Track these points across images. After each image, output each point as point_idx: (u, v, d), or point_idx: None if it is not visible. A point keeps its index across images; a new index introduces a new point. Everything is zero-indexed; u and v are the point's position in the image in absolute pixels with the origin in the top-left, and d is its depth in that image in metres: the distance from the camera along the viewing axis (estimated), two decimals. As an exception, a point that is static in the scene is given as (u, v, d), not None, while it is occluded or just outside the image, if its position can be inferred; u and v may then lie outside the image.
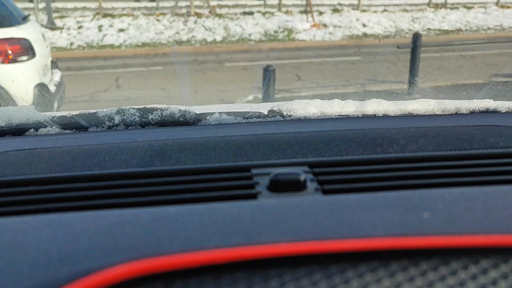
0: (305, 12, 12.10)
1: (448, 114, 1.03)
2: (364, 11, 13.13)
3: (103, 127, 1.00)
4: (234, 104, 3.77)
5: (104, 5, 12.35)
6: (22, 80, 4.14)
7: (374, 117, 1.03)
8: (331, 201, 0.54)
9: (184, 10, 12.33)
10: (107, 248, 0.45)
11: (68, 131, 0.98)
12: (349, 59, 8.87)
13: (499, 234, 0.45)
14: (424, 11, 13.52)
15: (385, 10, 13.33)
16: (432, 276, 0.42)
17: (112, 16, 11.70)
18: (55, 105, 4.59)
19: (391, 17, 12.74)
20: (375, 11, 13.17)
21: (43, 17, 11.05)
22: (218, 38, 10.65)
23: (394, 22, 12.40)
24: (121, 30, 10.79)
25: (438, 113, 1.04)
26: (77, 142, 0.85)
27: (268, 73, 5.06)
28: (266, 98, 5.09)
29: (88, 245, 0.45)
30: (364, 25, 11.93)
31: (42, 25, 8.26)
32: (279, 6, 12.94)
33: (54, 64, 5.13)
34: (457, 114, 1.03)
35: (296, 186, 0.60)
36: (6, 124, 0.97)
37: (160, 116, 1.01)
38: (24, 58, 4.22)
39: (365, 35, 11.38)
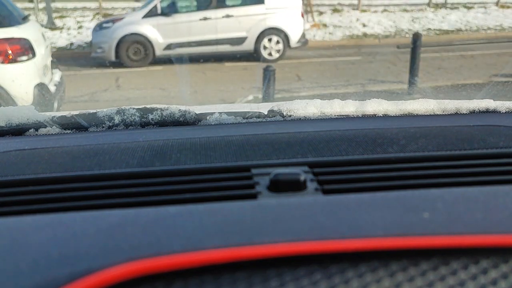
0: (305, 12, 12.11)
1: (448, 114, 1.03)
2: (364, 11, 13.13)
3: (103, 127, 1.00)
4: (234, 104, 3.76)
5: (104, 5, 12.36)
6: (22, 80, 4.13)
7: (374, 117, 1.03)
8: (331, 201, 0.54)
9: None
10: (107, 248, 0.45)
11: (68, 131, 0.98)
12: (349, 59, 8.87)
13: (499, 234, 0.45)
14: (424, 11, 13.53)
15: (385, 10, 13.33)
16: (432, 276, 0.42)
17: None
18: (55, 105, 4.59)
19: (391, 17, 12.74)
20: (375, 11, 13.17)
21: (43, 17, 11.06)
22: (218, 38, 10.64)
23: (394, 22, 12.40)
24: (121, 30, 10.78)
25: (438, 113, 1.04)
26: (77, 142, 0.85)
27: (268, 73, 5.06)
28: (266, 98, 5.09)
29: (88, 245, 0.45)
30: (364, 25, 11.94)
31: (42, 25, 8.26)
32: (279, 6, 12.93)
33: (54, 64, 5.13)
34: (457, 114, 1.03)
35: (296, 186, 0.60)
36: (6, 124, 0.97)
37: (160, 116, 1.01)
38: (24, 58, 4.21)
39: (365, 35, 11.39)
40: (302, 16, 9.13)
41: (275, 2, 8.87)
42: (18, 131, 0.97)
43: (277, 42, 8.75)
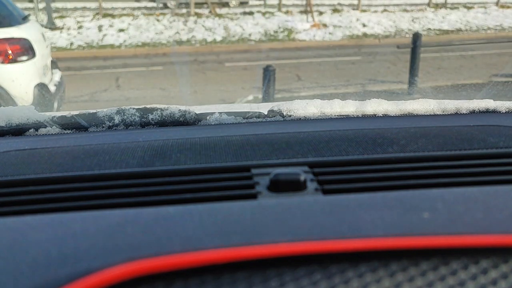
0: (305, 12, 12.11)
1: (448, 114, 1.03)
2: (364, 11, 13.13)
3: (103, 127, 1.00)
4: (234, 104, 3.77)
5: (104, 5, 12.36)
6: (22, 80, 4.13)
7: (374, 117, 1.03)
8: (331, 201, 0.54)
9: (184, 10, 12.33)
10: (107, 248, 0.45)
11: (68, 131, 0.98)
12: (349, 59, 8.87)
13: (499, 234, 0.45)
14: (424, 11, 13.53)
15: (385, 10, 13.33)
16: (432, 276, 0.42)
17: (112, 16, 11.70)
18: (55, 105, 4.59)
19: (391, 17, 12.74)
20: (375, 11, 13.18)
21: (43, 17, 11.05)
22: (218, 38, 10.66)
23: (394, 22, 12.40)
24: (121, 30, 10.79)
25: (438, 113, 1.04)
26: (77, 142, 0.85)
27: (268, 73, 5.06)
28: (266, 98, 5.09)
29: (88, 245, 0.45)
30: (364, 25, 11.94)
31: (42, 25, 8.25)
32: (279, 6, 12.95)
33: (54, 64, 5.13)
34: (457, 114, 1.03)
35: (296, 186, 0.60)
36: (6, 124, 0.97)
37: (160, 116, 1.01)
38: (24, 58, 4.21)
39: (365, 35, 11.39)
40: None
41: None
42: (18, 131, 0.97)
43: None
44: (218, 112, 1.04)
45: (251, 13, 12.37)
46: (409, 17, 12.88)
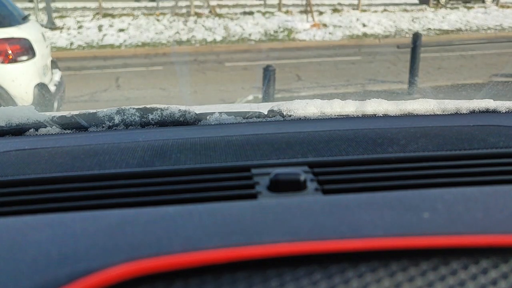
0: (305, 12, 12.11)
1: (448, 114, 1.03)
2: (364, 11, 13.13)
3: (103, 127, 1.00)
4: (234, 104, 3.77)
5: (104, 5, 12.36)
6: (22, 80, 4.13)
7: (374, 117, 1.03)
8: (331, 201, 0.54)
9: (184, 10, 12.33)
10: (107, 248, 0.45)
11: (68, 131, 0.98)
12: (349, 59, 8.87)
13: (499, 234, 0.45)
14: (424, 11, 13.53)
15: (385, 10, 13.33)
16: (432, 276, 0.41)
17: (112, 16, 11.70)
18: (55, 105, 4.59)
19: (391, 17, 12.74)
20: (375, 11, 13.18)
21: (43, 17, 11.05)
22: (218, 38, 10.66)
23: (394, 22, 12.41)
24: (121, 30, 10.80)
25: (438, 113, 1.04)
26: (77, 142, 0.85)
27: (268, 73, 5.06)
28: (266, 98, 5.09)
29: (88, 245, 0.45)
30: (364, 25, 11.94)
31: (42, 25, 8.23)
32: (279, 6, 12.95)
33: (54, 64, 5.13)
34: (457, 114, 1.03)
35: (296, 186, 0.60)
36: (6, 124, 0.97)
37: (160, 116, 1.01)
38: (24, 58, 4.21)
39: (365, 35, 11.39)
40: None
41: None
42: (18, 131, 0.97)
43: None
44: (218, 112, 1.04)
45: (251, 13, 12.38)
46: (409, 17, 12.89)
